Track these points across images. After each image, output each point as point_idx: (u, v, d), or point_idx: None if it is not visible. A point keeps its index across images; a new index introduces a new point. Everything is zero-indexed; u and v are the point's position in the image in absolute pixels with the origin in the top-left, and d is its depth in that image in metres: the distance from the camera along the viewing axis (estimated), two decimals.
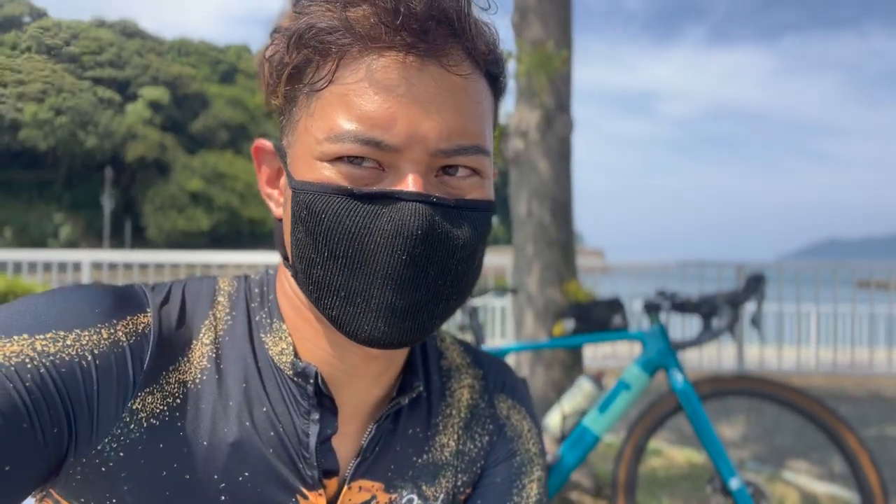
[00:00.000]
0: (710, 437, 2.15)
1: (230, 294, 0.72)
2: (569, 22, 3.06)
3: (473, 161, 0.62)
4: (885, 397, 5.72)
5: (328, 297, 0.61)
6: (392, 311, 0.59)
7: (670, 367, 2.21)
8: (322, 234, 0.59)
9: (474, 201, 0.63)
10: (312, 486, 0.67)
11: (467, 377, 0.82)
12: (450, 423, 0.78)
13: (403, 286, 0.59)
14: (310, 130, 0.61)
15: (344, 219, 0.58)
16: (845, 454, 2.16)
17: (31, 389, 0.55)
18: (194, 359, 0.66)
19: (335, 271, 0.60)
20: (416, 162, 0.59)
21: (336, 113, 0.58)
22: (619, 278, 6.88)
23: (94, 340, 0.60)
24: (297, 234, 0.62)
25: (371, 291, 0.59)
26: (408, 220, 0.57)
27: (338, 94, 0.58)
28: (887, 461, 3.84)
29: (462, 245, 0.61)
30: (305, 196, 0.60)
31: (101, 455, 0.60)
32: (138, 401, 0.61)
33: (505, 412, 0.83)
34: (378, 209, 0.58)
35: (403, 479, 0.74)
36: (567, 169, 3.02)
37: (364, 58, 0.58)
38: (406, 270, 0.58)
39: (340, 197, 0.58)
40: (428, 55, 0.58)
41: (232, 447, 0.64)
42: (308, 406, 0.67)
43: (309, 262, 0.61)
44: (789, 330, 6.39)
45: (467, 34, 0.60)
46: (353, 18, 0.57)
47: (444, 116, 0.58)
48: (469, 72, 0.61)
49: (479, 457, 0.80)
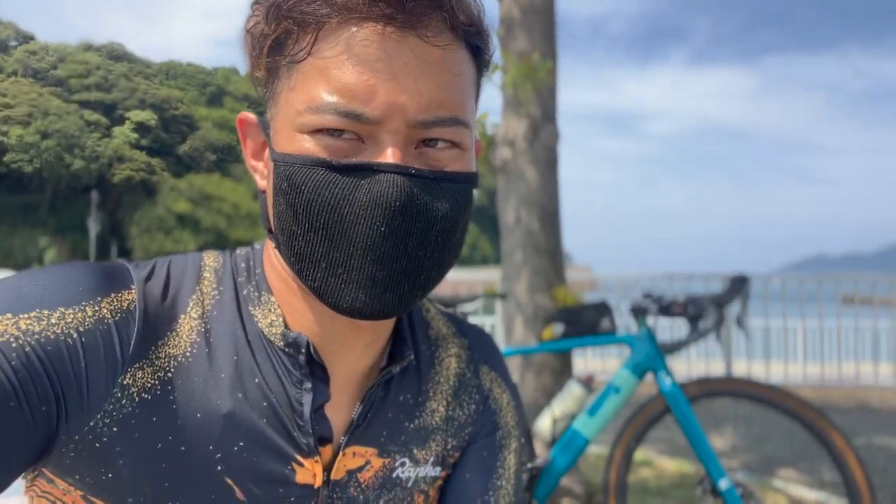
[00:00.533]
0: (699, 439, 2.16)
1: (216, 269, 0.73)
2: (553, 34, 3.12)
3: (452, 133, 0.62)
4: (873, 408, 5.76)
5: (310, 267, 0.62)
6: (373, 281, 0.60)
7: (658, 370, 2.23)
8: (302, 206, 0.60)
9: (454, 173, 0.63)
10: (308, 453, 0.68)
11: (454, 346, 0.83)
12: (439, 389, 0.80)
13: (383, 257, 0.59)
14: (290, 102, 0.61)
15: (323, 190, 0.59)
16: (832, 454, 2.18)
17: (17, 368, 0.55)
18: (183, 333, 0.66)
19: (316, 242, 0.60)
20: (395, 133, 0.59)
21: (316, 85, 0.59)
22: (607, 293, 6.91)
23: (78, 318, 0.60)
24: (279, 205, 0.62)
25: (351, 263, 0.60)
26: (386, 192, 0.57)
27: (317, 67, 0.59)
28: (876, 469, 3.86)
29: (442, 216, 0.61)
30: (286, 168, 0.60)
31: (94, 431, 0.60)
32: (128, 376, 0.61)
33: (488, 384, 0.85)
34: (357, 181, 0.58)
35: (396, 444, 0.75)
36: (554, 177, 3.05)
37: (343, 29, 0.58)
38: (385, 242, 0.59)
39: (320, 169, 0.59)
40: (406, 26, 0.58)
41: (225, 418, 0.65)
42: (300, 375, 0.68)
43: (290, 233, 0.62)
44: (776, 344, 6.43)
45: (447, 4, 0.59)
46: None
47: (422, 88, 0.59)
48: (448, 42, 0.60)
49: (467, 423, 0.81)
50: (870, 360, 6.39)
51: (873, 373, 6.27)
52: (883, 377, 6.29)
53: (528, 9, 3.03)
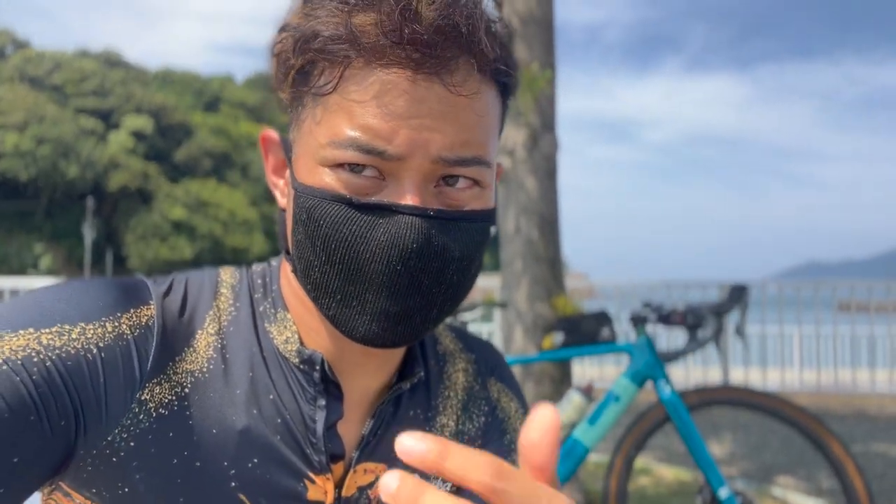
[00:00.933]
0: (699, 447, 2.17)
1: (233, 285, 0.73)
2: (552, 45, 3.14)
3: (474, 172, 0.62)
4: (869, 415, 5.78)
5: (325, 297, 0.63)
6: (386, 315, 0.61)
7: (658, 378, 2.24)
8: (320, 239, 0.60)
9: (473, 212, 0.63)
10: (320, 470, 0.69)
11: (461, 361, 0.84)
12: (448, 404, 0.80)
13: (397, 294, 0.60)
14: (314, 135, 0.61)
15: (342, 227, 0.59)
16: (830, 462, 2.19)
17: (38, 383, 0.55)
18: (200, 349, 0.67)
19: (331, 275, 0.61)
20: (416, 171, 0.59)
21: (340, 120, 0.59)
22: (605, 301, 6.93)
23: (98, 334, 0.60)
24: (297, 234, 0.63)
25: (366, 297, 0.61)
26: (404, 234, 0.58)
27: (342, 105, 0.59)
28: (874, 475, 3.87)
29: (458, 256, 0.62)
30: (306, 200, 0.61)
31: (111, 446, 0.61)
32: (146, 391, 0.62)
33: (496, 395, 0.85)
34: (375, 220, 0.59)
35: None
36: (553, 186, 3.07)
37: (369, 70, 0.58)
38: (400, 280, 0.59)
39: (339, 205, 0.59)
40: (433, 73, 0.57)
41: (240, 434, 0.65)
42: (314, 392, 0.69)
43: (307, 263, 0.63)
44: (773, 351, 6.45)
45: (476, 48, 0.59)
46: (358, 28, 0.57)
47: (446, 132, 0.59)
48: (475, 91, 0.60)
49: (476, 436, 0.82)
50: (866, 366, 6.41)
51: (870, 379, 6.29)
52: (880, 384, 6.31)
53: (527, 19, 3.05)
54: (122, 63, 68.94)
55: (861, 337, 6.45)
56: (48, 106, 56.23)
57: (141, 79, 69.05)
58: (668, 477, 3.86)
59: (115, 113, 61.24)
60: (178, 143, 63.96)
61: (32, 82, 60.22)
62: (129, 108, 61.87)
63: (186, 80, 75.76)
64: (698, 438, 2.17)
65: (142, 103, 62.48)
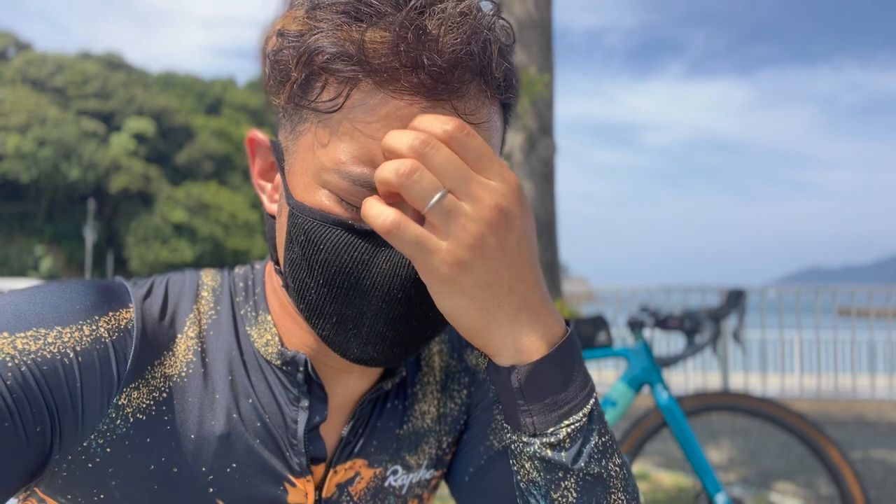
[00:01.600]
0: (696, 453, 2.16)
1: (214, 288, 0.72)
2: (550, 49, 3.14)
3: None
4: (869, 421, 5.76)
5: (319, 319, 0.61)
6: (382, 339, 0.60)
7: (655, 383, 2.22)
8: (319, 264, 0.58)
9: None
10: (300, 473, 0.68)
11: (435, 344, 0.83)
12: (428, 390, 0.79)
13: (395, 320, 0.59)
14: (317, 155, 0.58)
15: (342, 252, 0.57)
16: (829, 468, 2.18)
17: (13, 388, 0.54)
18: (179, 353, 0.66)
19: (328, 298, 0.59)
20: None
21: (347, 148, 0.56)
22: (604, 305, 6.92)
23: (75, 337, 0.59)
24: (292, 254, 0.60)
25: (363, 321, 0.59)
26: (406, 262, 0.57)
27: (349, 131, 0.56)
28: (873, 482, 3.86)
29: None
30: (304, 221, 0.58)
31: (87, 451, 0.60)
32: (124, 396, 0.61)
33: (474, 361, 0.83)
34: (377, 247, 0.57)
35: (387, 453, 0.74)
36: (550, 190, 3.06)
37: (378, 94, 0.55)
38: (399, 307, 0.58)
39: (340, 230, 0.57)
40: (444, 99, 0.55)
41: (219, 440, 0.64)
42: (297, 393, 0.68)
43: (302, 283, 0.60)
44: (773, 356, 6.43)
45: (490, 74, 0.57)
46: (369, 47, 0.54)
47: None
48: (486, 118, 0.58)
49: (461, 413, 0.81)
50: (866, 372, 6.40)
51: (870, 385, 6.28)
52: (879, 390, 6.30)
53: (525, 23, 3.05)
54: (124, 66, 69.13)
55: (861, 343, 6.44)
56: (50, 108, 56.37)
57: (143, 81, 69.23)
58: (666, 482, 3.84)
59: (116, 115, 61.36)
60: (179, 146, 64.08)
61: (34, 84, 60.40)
62: (130, 110, 62.01)
63: (188, 82, 75.96)
64: (695, 444, 2.16)
65: (143, 106, 62.61)
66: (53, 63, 63.10)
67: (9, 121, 54.21)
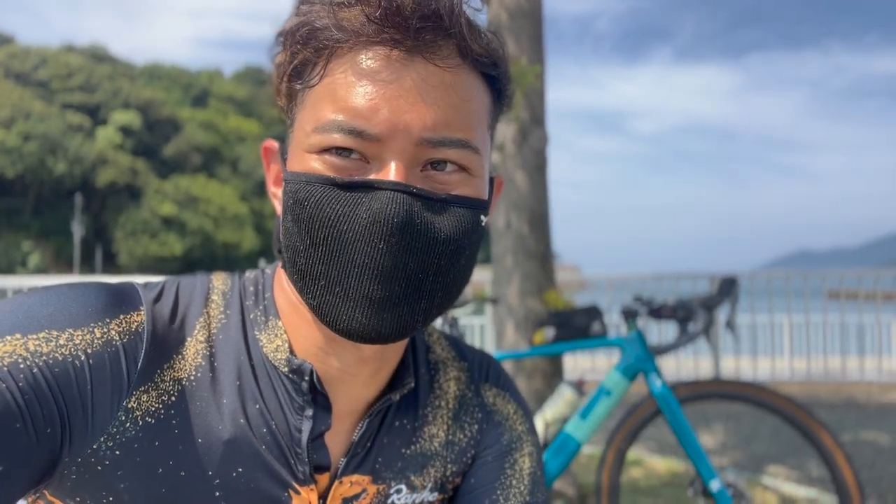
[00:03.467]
0: (690, 440, 2.18)
1: (224, 292, 0.72)
2: (541, 39, 3.13)
3: (460, 156, 0.61)
4: (859, 403, 5.83)
5: (310, 285, 0.62)
6: (370, 301, 0.59)
7: (649, 372, 2.24)
8: (305, 222, 0.60)
9: (459, 197, 0.62)
10: (304, 481, 0.68)
11: (453, 370, 0.83)
12: (439, 414, 0.79)
13: (381, 276, 0.58)
14: (301, 125, 0.63)
15: (325, 207, 0.59)
16: (820, 452, 2.21)
17: (24, 390, 0.55)
18: (189, 356, 0.66)
19: (316, 259, 0.60)
20: (398, 152, 0.59)
21: (323, 105, 0.60)
22: (597, 293, 6.95)
23: (87, 340, 0.60)
24: (286, 222, 0.63)
25: (349, 281, 0.59)
26: (385, 209, 0.57)
27: (327, 88, 0.61)
28: (863, 464, 3.91)
29: (444, 239, 0.61)
30: (293, 185, 0.62)
31: (96, 454, 0.60)
32: (133, 399, 0.61)
33: (491, 399, 0.84)
34: (358, 198, 0.59)
35: (392, 471, 0.74)
36: (543, 181, 3.07)
37: (352, 53, 0.60)
38: (383, 260, 0.58)
39: (323, 186, 0.60)
40: (414, 51, 0.59)
41: (226, 444, 0.65)
42: (302, 402, 0.68)
43: (294, 250, 0.62)
44: (763, 340, 6.49)
45: (458, 31, 0.60)
46: (343, 17, 0.59)
47: (428, 108, 0.59)
48: (456, 65, 0.61)
49: (469, 446, 0.81)
50: (855, 354, 6.46)
51: (859, 368, 6.34)
52: (869, 372, 6.36)
53: (515, 13, 3.04)
54: (108, 58, 68.34)
55: (850, 325, 6.50)
56: (34, 102, 55.69)
57: (128, 74, 68.47)
58: (661, 468, 3.88)
59: (102, 108, 60.71)
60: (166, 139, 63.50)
61: (18, 78, 59.60)
62: (116, 103, 61.35)
63: (174, 74, 75.20)
64: (689, 431, 2.19)
65: (129, 98, 61.96)
66: (37, 56, 62.26)
67: None
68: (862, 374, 6.30)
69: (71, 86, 61.22)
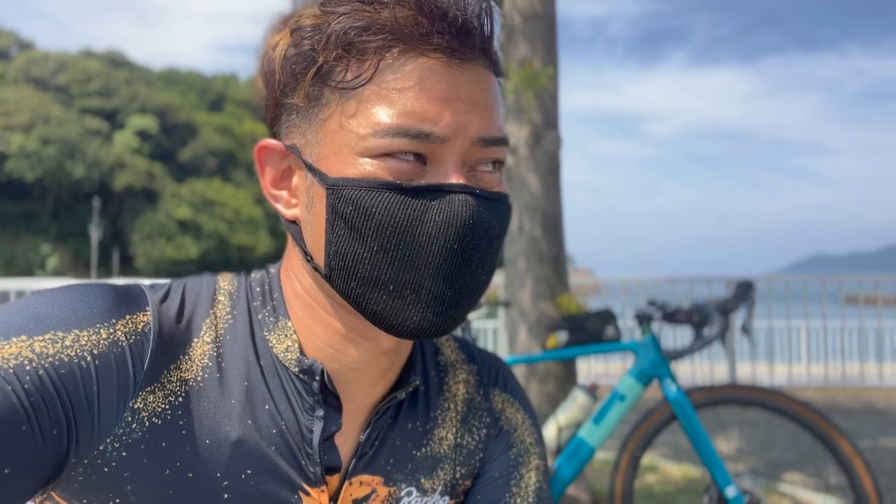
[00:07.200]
0: (705, 446, 2.16)
1: (230, 293, 0.72)
2: (554, 41, 3.12)
3: (501, 153, 0.66)
4: (878, 409, 5.74)
5: (373, 291, 0.62)
6: (441, 300, 0.61)
7: (663, 377, 2.22)
8: (372, 229, 0.60)
9: (502, 194, 0.66)
10: (315, 482, 0.68)
11: (462, 372, 0.83)
12: (447, 416, 0.79)
13: (453, 276, 0.61)
14: (348, 128, 0.61)
15: (396, 212, 0.59)
16: (838, 459, 2.17)
17: (30, 391, 0.54)
18: (196, 357, 0.66)
19: (384, 265, 0.61)
20: (457, 153, 0.61)
21: (380, 110, 0.60)
22: (611, 296, 6.91)
23: (93, 341, 0.59)
24: (338, 232, 0.62)
25: (422, 283, 0.61)
26: (459, 211, 0.60)
27: (380, 94, 0.60)
28: (882, 472, 3.85)
29: (497, 235, 0.65)
30: (349, 192, 0.60)
31: (103, 455, 0.60)
32: (140, 400, 0.61)
33: (499, 406, 0.84)
34: (427, 202, 0.60)
35: (402, 473, 0.74)
36: (556, 184, 3.05)
37: (406, 58, 0.60)
38: (456, 260, 0.60)
39: (390, 192, 0.60)
40: (463, 56, 0.61)
41: (234, 445, 0.64)
42: (313, 402, 0.68)
43: (354, 258, 0.61)
44: (780, 346, 6.42)
45: (489, 39, 0.64)
46: (392, 19, 0.59)
47: (482, 112, 0.62)
48: (486, 67, 0.64)
49: (477, 450, 0.81)
50: (874, 360, 6.37)
51: (878, 373, 6.25)
52: (888, 377, 6.27)
53: (529, 16, 3.03)
54: (126, 63, 69.08)
55: (869, 330, 6.41)
56: (53, 107, 56.43)
57: (145, 79, 69.20)
58: (676, 474, 3.84)
59: (119, 113, 61.37)
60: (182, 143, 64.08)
61: (37, 83, 60.44)
62: (133, 107, 62.00)
63: (190, 79, 75.89)
64: (704, 437, 2.16)
65: (146, 103, 62.60)
66: (56, 62, 63.10)
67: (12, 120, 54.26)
68: (881, 380, 6.22)
69: (89, 91, 61.97)
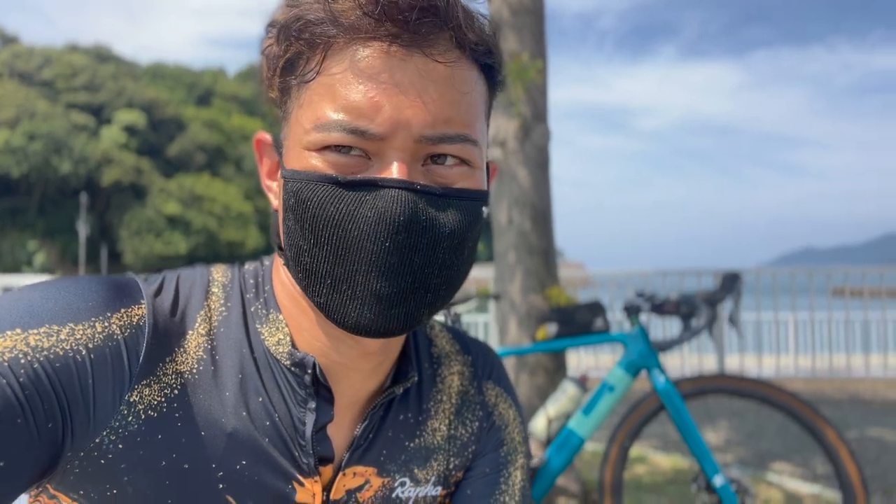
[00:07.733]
0: (693, 436, 2.18)
1: (224, 285, 0.72)
2: (543, 35, 3.12)
3: (460, 150, 0.62)
4: (864, 400, 5.81)
5: (315, 284, 0.62)
6: (377, 298, 0.59)
7: (652, 368, 2.24)
8: (308, 222, 0.60)
9: (462, 190, 0.63)
10: (308, 473, 0.68)
11: (457, 364, 0.83)
12: (441, 408, 0.80)
13: (387, 273, 0.59)
14: (299, 121, 0.62)
15: (328, 206, 0.59)
16: (825, 448, 2.20)
17: (25, 385, 0.55)
18: (190, 349, 0.66)
19: (321, 258, 0.60)
20: (400, 150, 0.59)
21: (322, 102, 0.59)
22: (600, 289, 6.94)
23: (88, 334, 0.60)
24: (288, 221, 0.63)
25: (356, 279, 0.59)
26: (390, 207, 0.57)
27: (325, 85, 0.60)
28: (868, 460, 3.90)
29: (448, 233, 0.61)
30: (293, 184, 0.61)
31: (99, 448, 0.60)
32: (135, 393, 0.61)
33: (493, 400, 0.84)
34: (362, 196, 0.58)
35: (396, 463, 0.75)
36: (545, 177, 3.06)
37: (349, 48, 0.59)
38: (389, 257, 0.58)
39: (325, 185, 0.59)
40: (412, 45, 0.58)
41: (229, 437, 0.65)
42: (305, 395, 0.68)
43: (298, 249, 0.62)
44: (768, 337, 6.48)
45: (455, 23, 0.60)
46: (338, 10, 0.58)
47: (428, 104, 0.59)
48: (454, 60, 0.61)
49: (470, 441, 0.81)
50: (860, 351, 6.45)
51: (864, 364, 6.33)
52: (874, 368, 6.35)
53: (517, 9, 3.03)
54: (112, 57, 68.44)
55: (855, 322, 6.48)
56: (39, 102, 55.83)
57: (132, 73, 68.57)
58: (664, 465, 3.87)
59: (106, 108, 60.81)
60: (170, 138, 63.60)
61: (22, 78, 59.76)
62: (120, 102, 61.45)
63: (178, 73, 75.25)
64: (693, 427, 2.18)
65: (133, 98, 62.05)
66: (41, 56, 62.45)
67: None
68: (867, 371, 6.29)
69: (75, 85, 61.39)
